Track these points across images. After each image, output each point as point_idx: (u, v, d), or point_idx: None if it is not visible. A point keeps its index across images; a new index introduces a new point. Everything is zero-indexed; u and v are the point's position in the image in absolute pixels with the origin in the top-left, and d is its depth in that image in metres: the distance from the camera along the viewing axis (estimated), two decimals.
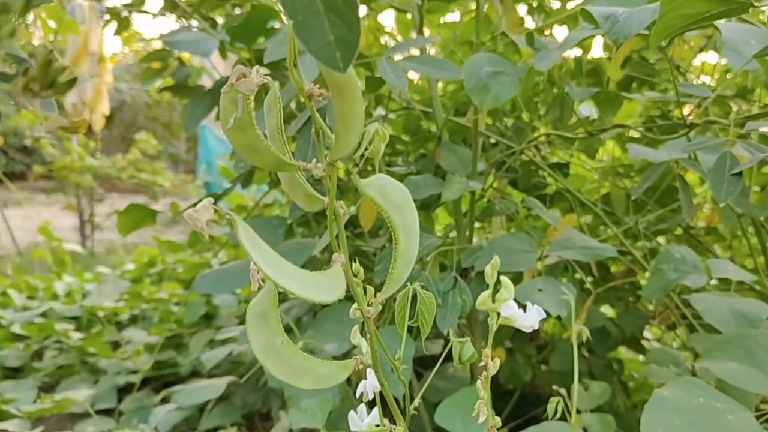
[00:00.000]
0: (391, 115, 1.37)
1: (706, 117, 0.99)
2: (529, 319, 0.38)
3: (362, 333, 0.48)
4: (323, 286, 0.32)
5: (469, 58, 0.88)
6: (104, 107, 4.12)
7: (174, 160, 8.04)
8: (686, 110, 0.98)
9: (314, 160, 0.34)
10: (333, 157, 0.33)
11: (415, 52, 1.14)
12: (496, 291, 0.43)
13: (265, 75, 0.31)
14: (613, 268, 1.45)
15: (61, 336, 1.93)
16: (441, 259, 1.19)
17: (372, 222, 1.15)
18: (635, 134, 1.51)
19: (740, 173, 0.71)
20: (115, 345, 1.98)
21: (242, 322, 1.84)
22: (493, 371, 0.38)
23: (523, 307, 0.39)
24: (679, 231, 1.42)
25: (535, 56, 0.84)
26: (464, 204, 1.22)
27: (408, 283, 0.49)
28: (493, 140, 1.33)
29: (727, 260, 1.02)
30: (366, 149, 0.33)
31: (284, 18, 1.17)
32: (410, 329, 0.49)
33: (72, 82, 0.28)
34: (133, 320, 2.23)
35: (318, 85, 0.31)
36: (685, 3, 0.58)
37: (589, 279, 1.34)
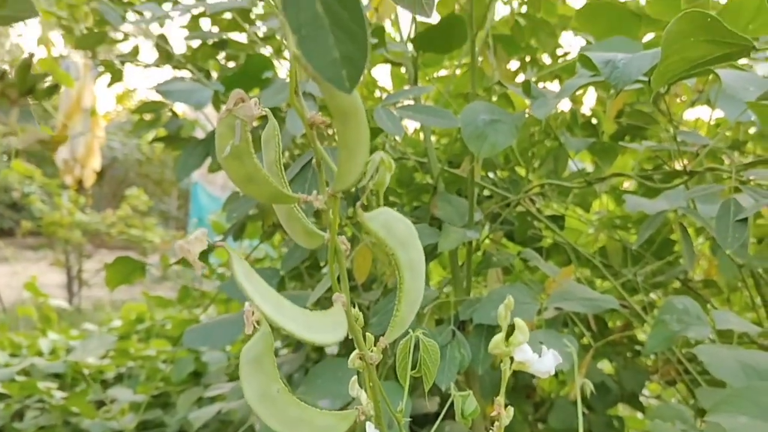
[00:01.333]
0: None
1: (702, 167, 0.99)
2: (544, 364, 0.35)
3: (360, 384, 0.45)
4: (324, 327, 0.30)
5: (466, 106, 0.88)
6: (95, 163, 4.13)
7: (165, 217, 8.02)
8: (680, 164, 0.98)
9: (314, 192, 0.32)
10: (335, 187, 0.31)
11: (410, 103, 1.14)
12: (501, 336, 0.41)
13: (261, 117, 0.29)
14: (610, 324, 1.43)
15: (44, 395, 1.87)
16: (437, 313, 1.16)
17: (366, 275, 1.13)
18: (630, 187, 1.51)
19: (745, 219, 0.69)
20: (100, 404, 1.91)
21: (232, 379, 1.78)
22: (506, 421, 0.35)
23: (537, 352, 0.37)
24: (676, 285, 1.40)
25: (532, 104, 0.83)
26: (460, 257, 1.20)
27: (410, 331, 0.46)
28: (487, 192, 1.33)
29: (730, 312, 1.00)
30: (371, 178, 0.31)
31: (277, 70, 1.18)
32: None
33: (54, 89, 0.26)
34: (119, 378, 2.16)
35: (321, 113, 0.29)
36: (687, 46, 0.57)
37: (588, 334, 1.31)
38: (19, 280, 3.63)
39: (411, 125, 1.49)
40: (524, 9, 1.22)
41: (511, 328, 0.36)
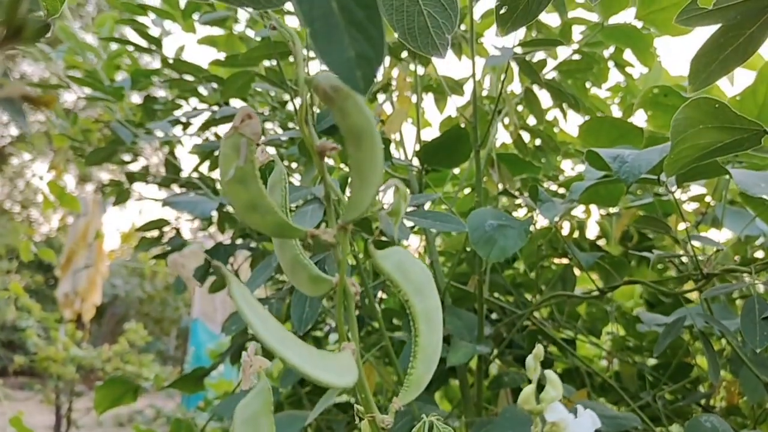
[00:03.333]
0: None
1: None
2: (581, 426, 0.31)
3: None
4: (332, 368, 0.26)
5: (473, 212, 0.87)
6: (96, 297, 4.09)
7: (162, 356, 7.86)
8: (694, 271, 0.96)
9: (323, 225, 0.29)
10: (346, 216, 0.28)
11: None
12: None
13: None
14: None
15: None
16: None
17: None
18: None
19: None
20: None
21: None
22: None
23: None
24: (698, 413, 1.33)
25: (540, 208, 0.82)
26: (469, 378, 1.15)
27: (423, 416, 0.42)
28: (495, 316, 1.30)
29: None
30: (385, 207, 0.28)
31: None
32: None
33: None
34: None
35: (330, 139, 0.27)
36: (697, 133, 0.57)
37: None
38: (4, 420, 3.48)
39: (414, 246, 1.48)
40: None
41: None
